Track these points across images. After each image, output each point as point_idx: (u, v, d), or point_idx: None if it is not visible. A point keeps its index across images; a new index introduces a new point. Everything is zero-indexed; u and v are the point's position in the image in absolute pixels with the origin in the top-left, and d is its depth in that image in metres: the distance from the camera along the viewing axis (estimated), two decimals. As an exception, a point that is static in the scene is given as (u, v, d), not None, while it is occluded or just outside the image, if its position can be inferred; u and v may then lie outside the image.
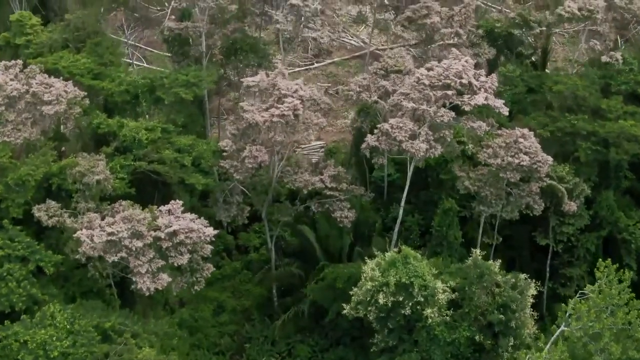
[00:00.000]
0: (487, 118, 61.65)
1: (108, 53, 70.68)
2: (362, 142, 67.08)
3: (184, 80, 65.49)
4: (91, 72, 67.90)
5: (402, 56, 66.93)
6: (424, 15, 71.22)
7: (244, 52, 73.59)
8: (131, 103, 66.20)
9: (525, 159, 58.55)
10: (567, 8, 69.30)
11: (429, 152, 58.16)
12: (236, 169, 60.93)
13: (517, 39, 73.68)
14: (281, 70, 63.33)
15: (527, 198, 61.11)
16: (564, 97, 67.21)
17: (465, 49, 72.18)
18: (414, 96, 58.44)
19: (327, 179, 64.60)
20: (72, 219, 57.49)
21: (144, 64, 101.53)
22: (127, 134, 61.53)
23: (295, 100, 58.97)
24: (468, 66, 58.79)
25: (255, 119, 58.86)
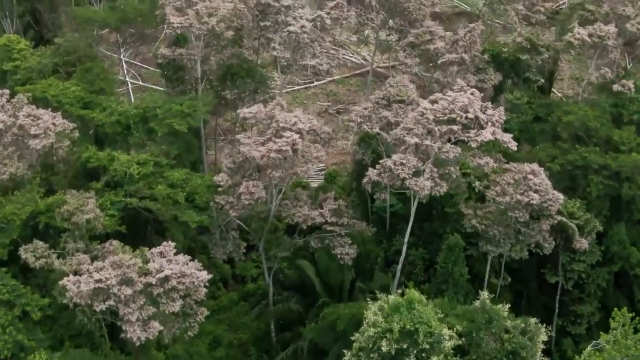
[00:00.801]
0: (495, 151, 58.86)
1: (99, 80, 68.04)
2: (363, 174, 64.60)
3: (177, 111, 62.77)
4: (81, 101, 65.29)
5: (405, 84, 64.14)
6: (428, 40, 68.44)
7: (240, 77, 70.82)
8: (123, 134, 63.49)
9: (536, 198, 55.81)
10: (576, 35, 66.55)
11: (434, 190, 55.43)
12: (232, 206, 58.22)
13: (524, 64, 70.86)
14: (279, 102, 60.65)
15: (537, 236, 58.34)
16: (574, 127, 64.43)
17: (470, 74, 69.44)
18: (418, 131, 55.73)
19: (328, 213, 61.90)
20: (60, 261, 54.78)
21: (139, 82, 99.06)
22: (118, 168, 58.83)
23: (294, 135, 56.29)
24: (474, 99, 56.04)
25: (253, 155, 56.19)
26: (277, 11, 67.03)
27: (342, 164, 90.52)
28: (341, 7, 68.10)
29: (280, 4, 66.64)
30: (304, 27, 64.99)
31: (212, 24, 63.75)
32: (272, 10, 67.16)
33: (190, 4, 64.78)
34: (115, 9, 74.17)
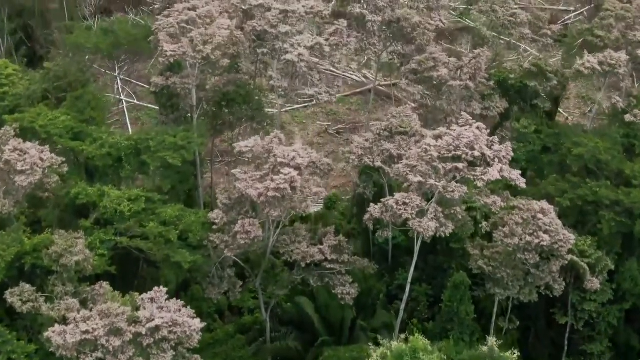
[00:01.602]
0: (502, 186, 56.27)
1: (90, 108, 65.41)
2: (364, 207, 62.20)
3: (171, 143, 60.13)
4: (71, 132, 62.69)
5: (408, 115, 61.53)
6: (431, 67, 65.77)
7: (237, 103, 68.22)
8: (114, 167, 60.87)
9: (546, 239, 53.22)
10: (586, 64, 63.89)
11: (439, 230, 52.81)
12: (227, 245, 55.66)
13: (531, 90, 68.20)
14: (277, 135, 58.06)
15: (547, 278, 55.71)
16: (585, 160, 61.78)
17: (476, 101, 66.86)
18: (422, 168, 53.13)
19: (327, 249, 59.33)
20: (48, 305, 52.19)
21: (134, 100, 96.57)
22: (109, 205, 56.20)
23: (292, 172, 53.69)
24: (480, 134, 53.45)
25: (249, 193, 53.63)
26: (274, 37, 64.36)
27: (343, 187, 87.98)
28: (341, 33, 65.45)
29: (278, 31, 63.97)
30: (301, 55, 62.29)
31: (207, 52, 61.12)
32: (269, 37, 64.51)
33: (184, 31, 62.13)
34: (108, 34, 71.48)
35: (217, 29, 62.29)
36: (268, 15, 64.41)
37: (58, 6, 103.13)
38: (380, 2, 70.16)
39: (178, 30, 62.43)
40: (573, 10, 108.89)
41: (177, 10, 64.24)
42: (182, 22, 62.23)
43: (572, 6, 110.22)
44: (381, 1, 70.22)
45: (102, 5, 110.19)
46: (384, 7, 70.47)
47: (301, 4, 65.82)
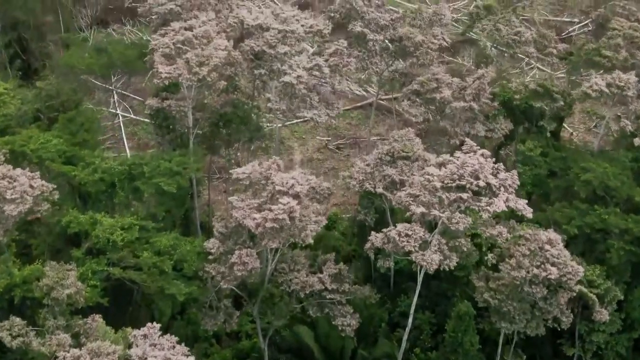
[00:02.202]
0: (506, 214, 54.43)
1: (83, 130, 63.55)
2: (365, 233, 60.43)
3: (166, 169, 58.23)
4: (63, 155, 60.85)
5: (410, 138, 59.61)
6: (433, 88, 63.81)
7: (234, 125, 66.31)
8: (107, 192, 58.98)
9: (554, 272, 51.32)
10: (594, 86, 61.93)
11: (443, 263, 50.94)
12: (223, 276, 53.84)
13: (537, 111, 66.25)
14: (275, 161, 56.18)
15: (555, 310, 53.78)
16: (593, 186, 59.83)
17: (479, 123, 64.96)
18: (424, 199, 51.24)
19: (327, 278, 57.53)
20: (39, 340, 50.40)
21: (130, 115, 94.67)
22: (101, 235, 54.35)
23: (291, 202, 51.81)
24: (485, 163, 51.53)
25: (247, 224, 51.75)
26: (272, 58, 62.42)
27: (343, 205, 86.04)
28: (341, 54, 63.50)
29: (276, 51, 62.03)
30: (300, 77, 60.36)
31: (203, 74, 59.21)
32: (267, 57, 62.56)
33: (180, 51, 60.20)
34: (101, 53, 69.48)
35: (214, 49, 60.38)
36: (266, 35, 62.48)
37: (53, 18, 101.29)
38: (382, 20, 68.21)
39: (173, 50, 60.49)
40: (577, 22, 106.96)
41: (174, 30, 62.34)
42: (178, 42, 60.29)
43: (575, 17, 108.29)
44: (383, 19, 68.25)
45: (98, 16, 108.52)
46: (385, 25, 68.53)
47: (300, 22, 63.86)
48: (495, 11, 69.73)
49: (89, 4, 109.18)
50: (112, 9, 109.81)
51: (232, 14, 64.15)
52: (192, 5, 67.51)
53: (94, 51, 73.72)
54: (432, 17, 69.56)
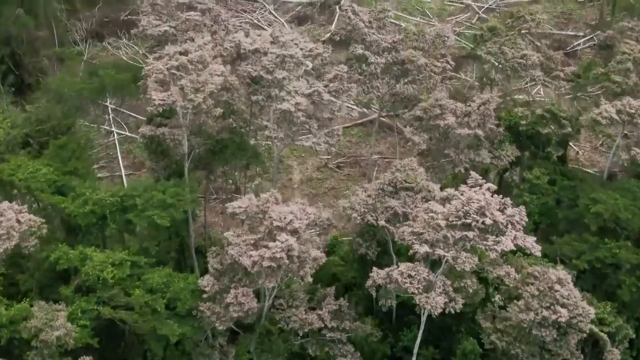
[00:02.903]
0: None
1: (74, 158, 61.28)
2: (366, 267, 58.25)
3: (159, 201, 55.90)
4: (53, 185, 58.61)
5: (413, 168, 57.35)
6: (437, 115, 61.53)
7: (231, 151, 64.03)
8: (98, 225, 56.73)
9: (564, 314, 49.14)
10: (604, 113, 59.68)
11: (448, 306, 48.71)
12: (219, 317, 51.62)
13: (544, 138, 63.95)
14: (273, 194, 53.97)
15: (564, 352, 51.55)
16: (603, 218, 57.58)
17: (485, 150, 62.67)
18: (429, 237, 48.98)
19: (327, 315, 55.40)
20: (25, 385, 48.37)
21: (125, 132, 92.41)
22: (91, 272, 52.13)
23: (289, 239, 49.61)
24: (491, 199, 49.27)
25: (243, 262, 49.54)
26: (270, 84, 60.15)
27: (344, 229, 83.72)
28: (341, 79, 61.23)
29: (274, 77, 59.76)
30: (298, 105, 58.09)
31: (198, 101, 56.96)
32: (265, 83, 60.29)
33: (174, 77, 57.92)
34: (93, 78, 67.11)
35: (210, 75, 58.10)
36: (264, 60, 60.22)
37: (47, 32, 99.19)
38: (384, 42, 65.92)
39: (168, 76, 58.22)
40: (582, 36, 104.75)
41: (168, 54, 60.06)
42: (172, 67, 58.02)
43: (580, 31, 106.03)
44: (384, 42, 65.97)
45: (93, 29, 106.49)
46: (387, 47, 66.24)
47: (299, 46, 61.59)
48: (500, 33, 67.45)
49: (84, 17, 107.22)
50: (108, 22, 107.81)
51: (229, 38, 61.79)
52: (187, 27, 65.35)
53: (85, 74, 71.27)
54: (435, 39, 67.25)
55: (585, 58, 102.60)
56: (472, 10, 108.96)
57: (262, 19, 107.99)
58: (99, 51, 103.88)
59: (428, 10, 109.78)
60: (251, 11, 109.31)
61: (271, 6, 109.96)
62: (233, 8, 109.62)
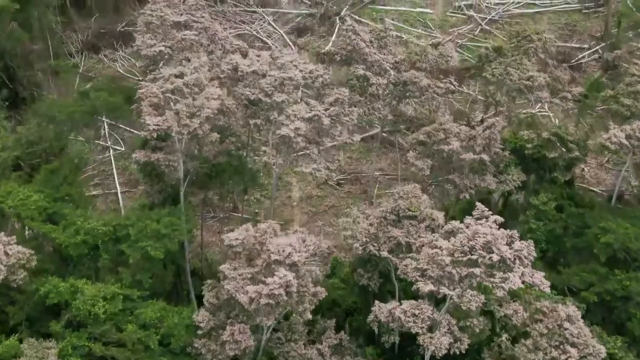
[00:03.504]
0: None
1: (66, 184, 59.33)
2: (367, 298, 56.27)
3: (154, 231, 53.93)
4: (44, 212, 56.64)
5: (417, 195, 55.38)
6: (441, 140, 59.54)
7: (228, 175, 62.10)
8: (90, 255, 54.77)
9: (573, 354, 47.21)
10: (613, 138, 57.73)
11: (453, 347, 46.78)
12: (214, 354, 49.69)
13: (551, 162, 61.98)
14: (271, 225, 52.03)
15: (575, 391, 49.64)
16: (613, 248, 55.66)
17: (490, 175, 60.74)
18: (433, 274, 47.04)
19: (327, 350, 53.48)
20: None
21: (121, 148, 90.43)
22: (82, 307, 50.18)
23: (288, 275, 47.67)
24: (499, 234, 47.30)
25: (240, 299, 47.59)
26: (268, 107, 58.21)
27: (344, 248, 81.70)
28: (342, 103, 59.26)
29: (273, 100, 57.81)
30: (298, 130, 56.16)
31: (194, 126, 55.02)
32: (263, 106, 58.34)
33: (170, 101, 55.96)
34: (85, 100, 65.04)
35: (206, 99, 56.15)
36: (262, 82, 58.27)
37: (42, 45, 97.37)
38: (385, 63, 63.92)
39: (162, 100, 56.29)
40: (587, 48, 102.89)
41: (163, 76, 58.12)
42: (168, 91, 56.08)
43: (585, 43, 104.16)
44: (386, 62, 63.97)
45: (89, 41, 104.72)
46: (389, 68, 64.29)
47: (299, 68, 59.65)
48: (506, 53, 65.48)
49: (80, 29, 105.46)
50: (104, 34, 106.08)
51: (226, 60, 59.83)
52: (183, 47, 63.44)
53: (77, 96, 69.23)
54: (439, 59, 65.29)
55: (590, 71, 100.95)
56: (474, 22, 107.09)
57: (262, 30, 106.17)
58: (95, 63, 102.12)
59: (430, 21, 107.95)
60: (250, 22, 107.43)
61: (270, 17, 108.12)
62: (231, 19, 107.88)
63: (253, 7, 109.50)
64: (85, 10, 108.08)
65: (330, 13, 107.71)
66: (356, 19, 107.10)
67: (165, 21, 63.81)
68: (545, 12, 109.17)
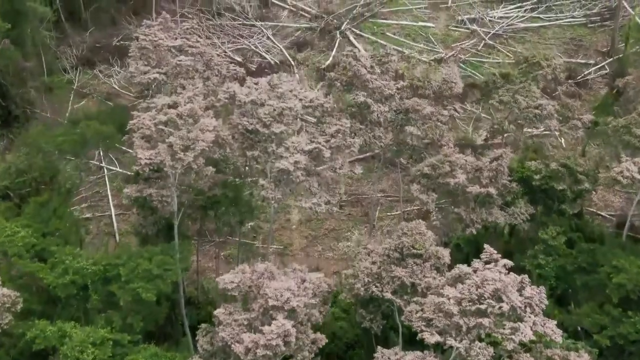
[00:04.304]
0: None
1: (55, 217, 56.93)
2: (370, 339, 53.95)
3: (145, 271, 51.52)
4: (32, 249, 54.27)
5: (421, 232, 52.96)
6: (447, 173, 57.07)
7: (223, 207, 59.73)
8: (79, 296, 52.36)
9: (587, 406, 44.88)
10: (625, 172, 55.29)
11: (461, 401, 44.43)
12: (209, 405, 47.32)
13: (559, 194, 59.56)
14: (268, 268, 49.64)
15: None
16: (626, 289, 53.29)
17: (497, 208, 58.34)
18: (439, 324, 44.63)
19: (328, 395, 51.00)
20: None
21: (116, 168, 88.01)
22: (70, 353, 47.79)
23: (286, 324, 45.24)
24: (508, 281, 44.89)
25: (235, 350, 45.18)
26: (266, 138, 55.80)
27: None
28: (344, 134, 56.85)
29: (271, 131, 55.40)
30: (297, 163, 53.72)
31: (188, 160, 52.64)
32: (261, 138, 55.93)
33: (162, 133, 53.57)
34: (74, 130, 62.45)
35: (201, 131, 53.76)
36: (261, 112, 55.86)
37: (36, 61, 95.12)
38: (387, 89, 61.42)
39: (155, 132, 53.90)
40: (593, 64, 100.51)
41: (156, 106, 55.72)
42: (160, 123, 53.68)
43: (591, 59, 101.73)
44: (388, 88, 61.48)
45: (84, 56, 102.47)
46: (391, 95, 61.82)
47: (299, 97, 57.23)
48: (513, 79, 63.01)
49: (74, 43, 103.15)
50: (100, 48, 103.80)
51: (223, 89, 57.40)
52: (178, 73, 61.07)
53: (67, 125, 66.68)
54: (442, 85, 62.83)
55: (596, 87, 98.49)
56: (477, 36, 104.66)
57: (260, 45, 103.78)
58: (90, 79, 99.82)
59: (432, 35, 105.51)
60: (248, 37, 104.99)
61: (269, 31, 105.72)
62: (230, 33, 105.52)
63: (252, 21, 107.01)
64: (80, 24, 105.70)
65: (331, 27, 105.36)
66: (357, 33, 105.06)
67: (160, 46, 61.42)
68: (550, 26, 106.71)
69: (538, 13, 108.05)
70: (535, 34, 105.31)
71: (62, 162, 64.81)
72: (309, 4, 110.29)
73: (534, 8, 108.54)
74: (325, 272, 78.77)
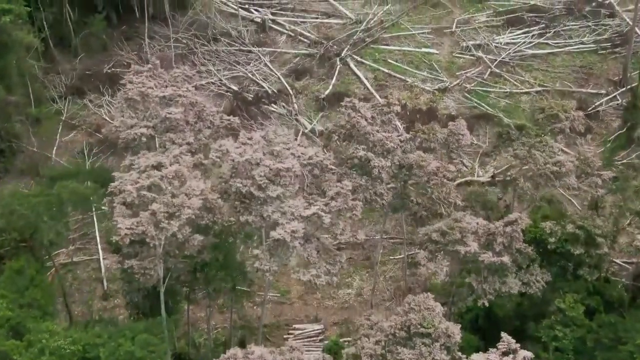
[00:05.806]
0: None
1: (32, 286, 52.63)
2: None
3: (127, 353, 47.26)
4: (6, 324, 49.96)
5: (430, 307, 48.65)
6: (457, 240, 52.70)
7: (213, 271, 55.46)
8: (57, 379, 48.13)
9: None
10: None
11: None
12: None
13: (576, 259, 55.24)
14: (262, 356, 45.36)
15: None
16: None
17: (511, 276, 54.02)
18: None
19: None
20: None
21: (105, 208, 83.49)
22: None
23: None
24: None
25: None
26: (262, 202, 51.47)
27: (344, 323, 75.13)
28: (345, 196, 52.55)
29: (266, 195, 51.06)
30: (295, 233, 49.41)
31: (172, 230, 48.34)
32: (256, 202, 51.59)
33: (144, 201, 49.18)
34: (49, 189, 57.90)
35: (187, 196, 49.40)
36: (255, 173, 51.51)
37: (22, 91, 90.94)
38: (389, 142, 56.98)
39: (137, 199, 49.52)
40: (604, 94, 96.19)
41: (139, 168, 51.35)
42: (143, 188, 49.33)
43: (602, 88, 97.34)
44: (390, 141, 57.03)
45: (73, 85, 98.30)
46: (393, 148, 57.35)
47: (296, 155, 52.91)
48: (529, 132, 58.56)
49: (64, 71, 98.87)
50: (90, 75, 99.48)
51: (215, 146, 53.05)
52: (167, 127, 56.70)
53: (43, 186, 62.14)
54: (449, 138, 58.40)
55: (608, 119, 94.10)
56: (483, 64, 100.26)
57: (257, 72, 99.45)
58: (79, 110, 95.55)
59: (436, 63, 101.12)
60: (245, 63, 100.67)
61: (267, 57, 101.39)
62: (226, 59, 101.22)
63: (248, 47, 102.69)
64: (70, 50, 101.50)
65: (330, 53, 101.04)
66: (358, 59, 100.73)
67: (148, 96, 57.03)
68: (559, 52, 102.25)
69: (546, 39, 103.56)
70: (543, 61, 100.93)
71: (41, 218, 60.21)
72: (307, 29, 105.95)
73: (541, 33, 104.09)
74: (324, 322, 74.99)
